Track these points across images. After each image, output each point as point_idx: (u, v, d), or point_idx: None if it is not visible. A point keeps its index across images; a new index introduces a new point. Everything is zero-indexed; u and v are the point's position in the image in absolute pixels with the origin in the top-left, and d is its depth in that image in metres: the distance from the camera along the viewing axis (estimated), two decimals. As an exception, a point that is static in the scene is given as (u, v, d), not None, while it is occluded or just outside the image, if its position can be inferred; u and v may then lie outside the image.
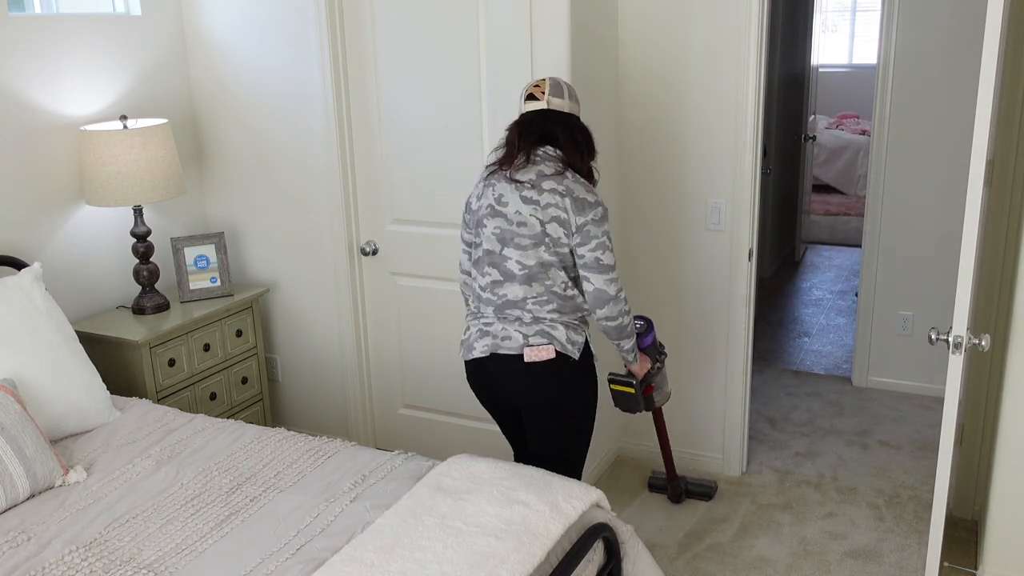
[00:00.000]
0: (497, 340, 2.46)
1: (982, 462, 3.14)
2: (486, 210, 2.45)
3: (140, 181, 3.14)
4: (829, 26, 9.77)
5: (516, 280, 2.43)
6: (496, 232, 2.43)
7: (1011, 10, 2.72)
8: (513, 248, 2.41)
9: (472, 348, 2.52)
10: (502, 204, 2.41)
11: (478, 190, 2.50)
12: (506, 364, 2.47)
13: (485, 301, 2.50)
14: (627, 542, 2.31)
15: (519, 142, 2.43)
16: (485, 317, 2.51)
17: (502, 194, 2.41)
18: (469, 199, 2.54)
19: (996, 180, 2.92)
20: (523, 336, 2.43)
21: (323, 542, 2.10)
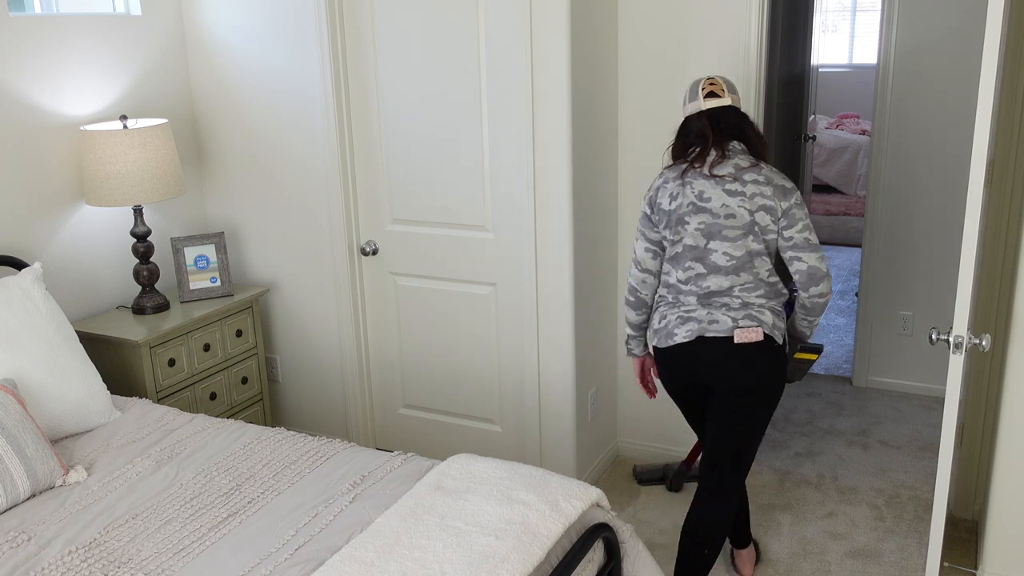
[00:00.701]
0: (703, 324, 2.49)
1: (982, 462, 3.14)
2: (687, 208, 2.49)
3: (140, 181, 3.14)
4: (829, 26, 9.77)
5: (722, 272, 2.49)
6: (701, 227, 2.48)
7: (1011, 10, 2.72)
8: (720, 241, 2.47)
9: (672, 334, 2.53)
10: (704, 200, 2.47)
11: (669, 189, 2.52)
12: (714, 347, 2.50)
13: (686, 292, 2.54)
14: (627, 542, 2.31)
15: (713, 138, 2.48)
16: (686, 306, 2.54)
17: (702, 190, 2.47)
18: (654, 200, 2.56)
19: (996, 180, 2.92)
20: (732, 320, 2.48)
21: (323, 542, 2.10)
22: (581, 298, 3.29)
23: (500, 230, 3.30)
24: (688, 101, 2.55)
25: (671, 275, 2.57)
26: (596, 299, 3.44)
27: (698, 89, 2.52)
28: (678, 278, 2.55)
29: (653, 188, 2.58)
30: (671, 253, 2.56)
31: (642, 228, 2.62)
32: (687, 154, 2.53)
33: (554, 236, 3.18)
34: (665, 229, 2.55)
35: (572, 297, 3.22)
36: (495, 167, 3.23)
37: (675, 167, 2.54)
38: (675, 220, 2.52)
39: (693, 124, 2.53)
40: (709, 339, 2.49)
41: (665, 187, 2.54)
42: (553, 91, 3.04)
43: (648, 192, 2.60)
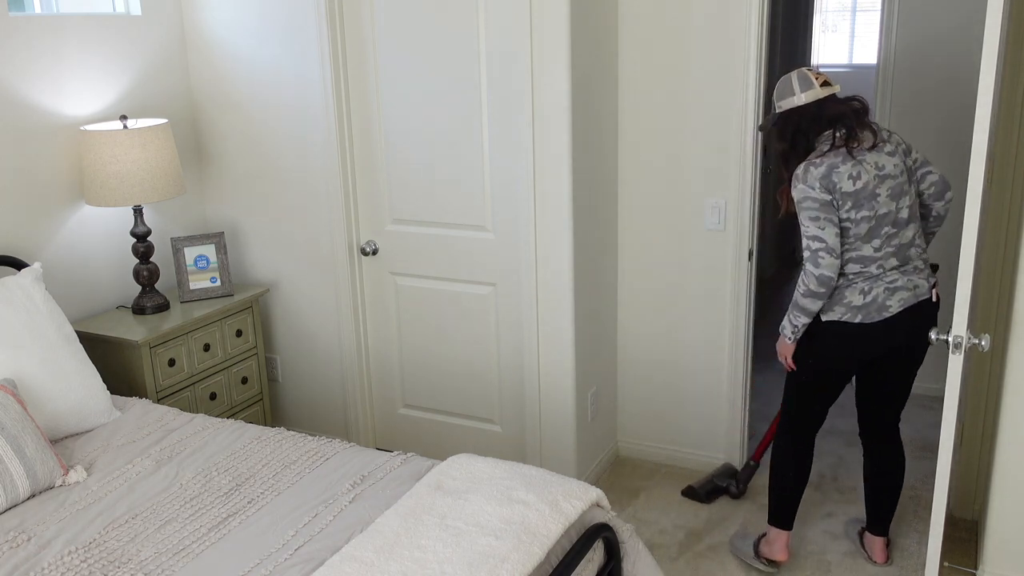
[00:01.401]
0: (911, 292, 2.67)
1: (982, 462, 3.14)
2: (874, 182, 2.59)
3: (140, 181, 3.14)
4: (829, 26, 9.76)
5: (906, 223, 2.66)
6: (889, 192, 2.61)
7: (1011, 10, 2.72)
8: (904, 197, 2.65)
9: (885, 307, 2.65)
10: (882, 169, 2.61)
11: (846, 171, 2.57)
12: (921, 311, 2.70)
13: (882, 259, 2.64)
14: (627, 542, 2.31)
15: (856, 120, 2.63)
16: (888, 276, 2.65)
17: (876, 161, 2.60)
18: (834, 185, 2.56)
19: (996, 180, 2.92)
20: (925, 281, 2.72)
21: (323, 542, 2.10)
22: (581, 298, 3.29)
23: (500, 230, 3.30)
24: (801, 91, 2.64)
25: (862, 250, 2.63)
26: (596, 299, 3.44)
27: (811, 79, 2.65)
28: (873, 249, 2.63)
29: (818, 176, 2.56)
30: (859, 231, 2.61)
31: (824, 215, 2.58)
32: (833, 137, 2.61)
33: (554, 236, 3.18)
34: (851, 210, 2.58)
35: (572, 297, 3.22)
36: (495, 167, 3.23)
37: (833, 152, 2.59)
38: (865, 197, 2.58)
39: (829, 108, 2.63)
40: (918, 304, 2.68)
41: (838, 171, 2.56)
42: (553, 91, 3.04)
43: (813, 180, 2.57)
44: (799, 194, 2.60)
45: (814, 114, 2.63)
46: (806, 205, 2.59)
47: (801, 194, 2.60)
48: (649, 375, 3.67)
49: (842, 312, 2.65)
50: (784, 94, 2.68)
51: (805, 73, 2.66)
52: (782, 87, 2.69)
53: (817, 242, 2.59)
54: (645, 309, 3.59)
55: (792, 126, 2.67)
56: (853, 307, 2.65)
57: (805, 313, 2.68)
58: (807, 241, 2.62)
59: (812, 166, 2.58)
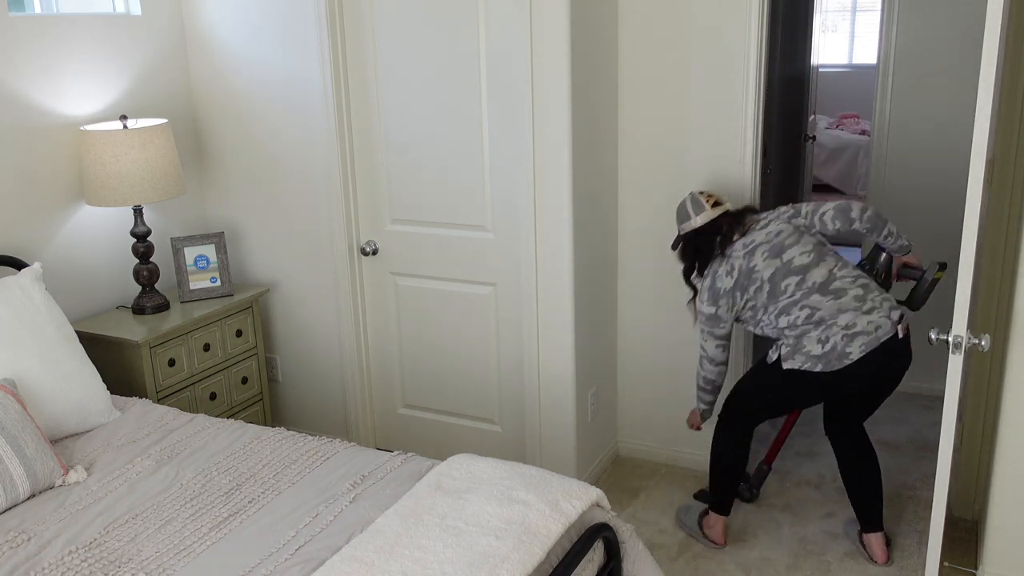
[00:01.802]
0: (871, 335, 2.74)
1: (982, 462, 3.14)
2: (744, 261, 2.85)
3: (140, 181, 3.14)
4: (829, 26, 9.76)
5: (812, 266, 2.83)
6: (765, 256, 2.83)
7: (1011, 10, 2.72)
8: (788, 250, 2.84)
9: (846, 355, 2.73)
10: (750, 245, 2.86)
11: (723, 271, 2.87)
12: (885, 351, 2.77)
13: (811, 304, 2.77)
14: (627, 542, 2.31)
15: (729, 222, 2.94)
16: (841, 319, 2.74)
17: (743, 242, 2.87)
18: (718, 294, 2.88)
19: (996, 180, 2.92)
20: (887, 319, 2.77)
21: (323, 542, 2.10)
22: (581, 298, 3.29)
23: (500, 230, 3.30)
24: (695, 214, 2.93)
25: (779, 304, 2.80)
26: (596, 299, 3.44)
27: (701, 201, 2.94)
28: (788, 298, 2.80)
29: (706, 287, 2.91)
30: (762, 299, 2.83)
31: (707, 327, 2.94)
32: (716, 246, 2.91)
33: (554, 236, 3.18)
34: (742, 300, 2.86)
35: (572, 297, 3.22)
36: (495, 167, 3.23)
37: (714, 261, 2.90)
38: (744, 277, 2.85)
39: (707, 227, 2.92)
40: (880, 347, 2.72)
41: (718, 274, 2.88)
42: (553, 91, 3.04)
43: (703, 293, 2.92)
44: (698, 308, 2.97)
45: (708, 233, 2.92)
46: (698, 317, 2.99)
47: (696, 307, 2.98)
48: (649, 375, 3.67)
49: (802, 361, 2.77)
50: (682, 219, 2.98)
51: (696, 197, 2.96)
52: (680, 212, 2.99)
53: (701, 350, 3.02)
54: (645, 309, 3.59)
55: (692, 246, 2.97)
56: (813, 356, 2.75)
57: (702, 401, 3.15)
58: (699, 347, 3.05)
59: (704, 281, 2.94)
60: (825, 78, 9.11)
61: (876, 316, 2.74)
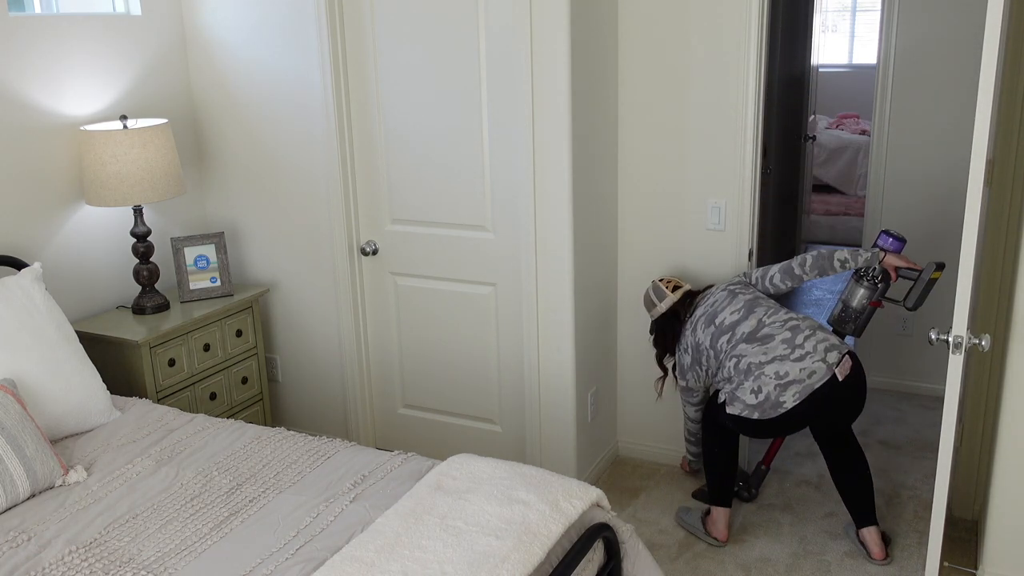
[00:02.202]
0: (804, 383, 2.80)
1: (982, 462, 3.14)
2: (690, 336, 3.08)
3: (140, 181, 3.14)
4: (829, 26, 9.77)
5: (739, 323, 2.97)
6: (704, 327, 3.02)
7: (1011, 10, 2.72)
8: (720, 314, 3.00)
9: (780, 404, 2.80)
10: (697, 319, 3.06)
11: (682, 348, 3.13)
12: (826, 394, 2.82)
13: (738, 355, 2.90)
14: (627, 542, 2.31)
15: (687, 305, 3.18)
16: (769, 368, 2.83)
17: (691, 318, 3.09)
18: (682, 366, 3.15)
19: (996, 180, 2.92)
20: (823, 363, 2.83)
21: (323, 542, 2.10)
22: (581, 298, 3.29)
23: (500, 230, 3.30)
24: (659, 300, 3.20)
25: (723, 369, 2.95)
26: (596, 299, 3.44)
27: (663, 289, 3.19)
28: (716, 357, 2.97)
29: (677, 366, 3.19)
30: (713, 364, 3.00)
31: (685, 398, 3.29)
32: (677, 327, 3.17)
33: (554, 236, 3.18)
34: (703, 371, 3.07)
35: (572, 297, 3.22)
36: (495, 167, 3.23)
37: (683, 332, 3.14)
38: (696, 353, 3.06)
39: (669, 311, 3.18)
40: (816, 392, 2.77)
41: (680, 355, 3.15)
42: (553, 91, 3.04)
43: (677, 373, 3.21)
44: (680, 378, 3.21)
45: (671, 317, 3.18)
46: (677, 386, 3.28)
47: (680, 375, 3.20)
48: (649, 375, 3.67)
49: (740, 408, 2.87)
50: (649, 306, 3.24)
51: (658, 285, 3.21)
52: (646, 302, 3.26)
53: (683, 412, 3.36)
54: (645, 309, 3.58)
55: (660, 329, 3.24)
56: (749, 405, 2.84)
57: (691, 453, 3.47)
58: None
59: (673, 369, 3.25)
60: (825, 78, 9.11)
61: (809, 362, 2.79)
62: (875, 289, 3.10)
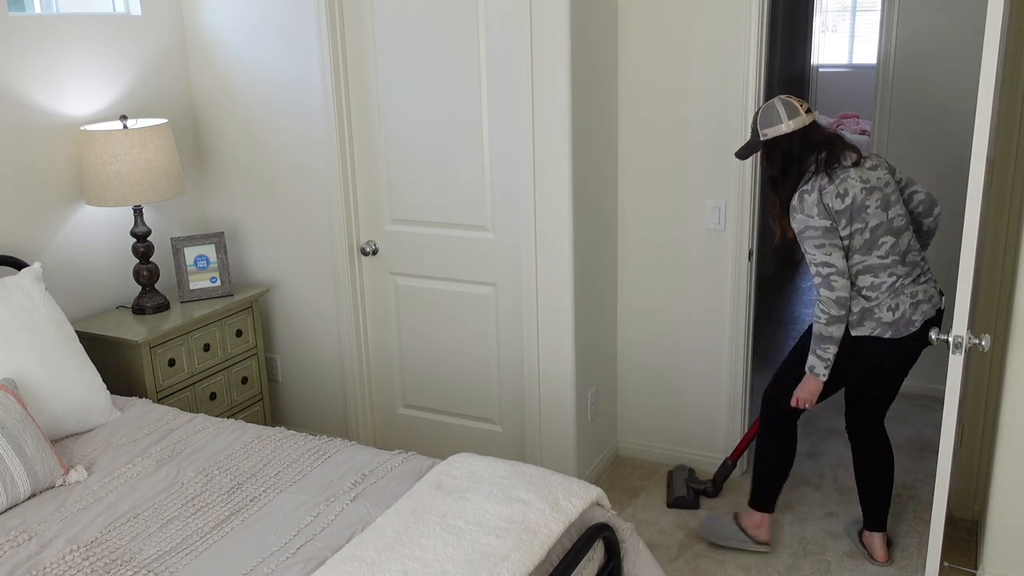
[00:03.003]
0: (930, 304, 2.74)
1: (982, 462, 3.14)
2: (861, 195, 2.66)
3: (140, 181, 3.14)
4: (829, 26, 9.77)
5: (902, 231, 2.73)
6: (879, 204, 2.68)
7: (1011, 10, 2.72)
8: (894, 207, 2.72)
9: (912, 322, 2.71)
10: (866, 182, 2.67)
11: (833, 191, 2.64)
12: (935, 321, 2.77)
13: (892, 267, 2.69)
14: (627, 541, 2.31)
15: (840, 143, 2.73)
16: (908, 289, 2.71)
17: (860, 175, 2.67)
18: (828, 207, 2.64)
19: (996, 180, 2.92)
20: (936, 290, 2.80)
21: (324, 541, 2.10)
22: (581, 298, 3.29)
23: (500, 230, 3.30)
24: (788, 118, 2.70)
25: (867, 261, 2.69)
26: (596, 299, 3.44)
27: (796, 106, 2.71)
28: (878, 257, 2.69)
29: (813, 202, 2.64)
30: (858, 243, 2.68)
31: (828, 240, 2.65)
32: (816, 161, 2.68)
33: (554, 236, 3.18)
34: (846, 228, 2.66)
35: (572, 297, 3.22)
36: (495, 167, 3.23)
37: (817, 175, 2.66)
38: (856, 211, 2.66)
39: (815, 134, 2.71)
40: (933, 316, 2.76)
41: (827, 191, 2.64)
42: (553, 91, 3.04)
43: (810, 208, 2.64)
44: (799, 224, 2.67)
45: (802, 141, 2.70)
46: (808, 234, 2.66)
47: (802, 224, 2.67)
48: (649, 375, 3.67)
49: (872, 327, 2.71)
50: (771, 121, 2.72)
51: (790, 101, 2.73)
52: (768, 115, 2.73)
53: (827, 267, 2.66)
54: (645, 309, 3.59)
55: (781, 153, 2.73)
56: (884, 323, 2.71)
57: (833, 342, 2.72)
58: (816, 268, 2.68)
59: (805, 194, 2.66)
60: (825, 78, 9.11)
61: (929, 286, 2.78)
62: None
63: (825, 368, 2.75)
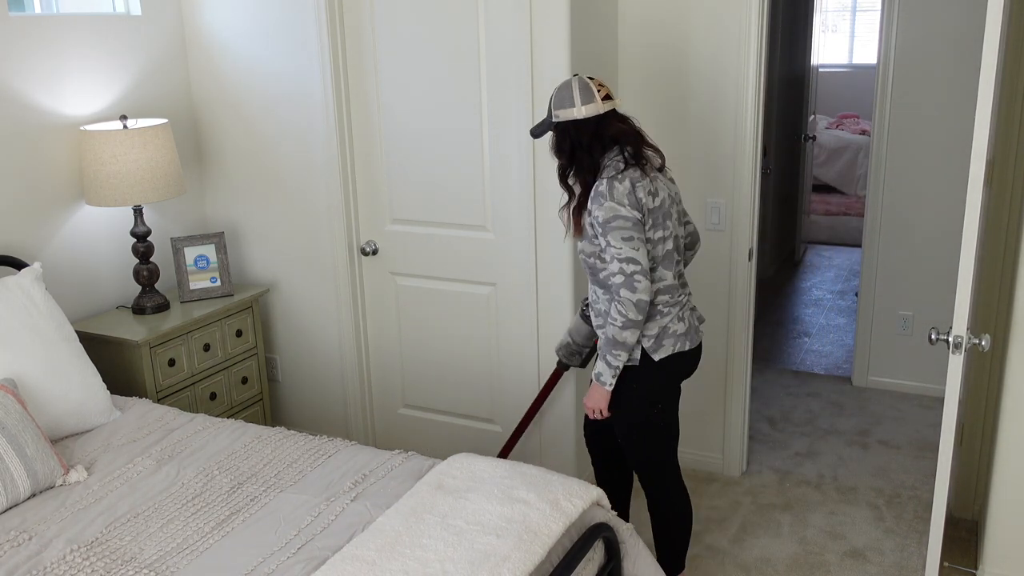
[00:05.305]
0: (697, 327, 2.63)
1: (982, 462, 3.14)
2: (668, 202, 2.49)
3: (140, 181, 3.14)
4: (829, 26, 9.77)
5: (682, 252, 2.64)
6: (676, 217, 2.55)
7: (1011, 10, 2.73)
8: (680, 226, 2.59)
9: (699, 331, 2.63)
10: (671, 193, 2.53)
11: (645, 187, 2.40)
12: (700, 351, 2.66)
13: (679, 289, 2.57)
14: (627, 541, 2.31)
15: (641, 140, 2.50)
16: (686, 302, 2.60)
17: (665, 184, 2.51)
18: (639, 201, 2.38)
19: (996, 180, 2.92)
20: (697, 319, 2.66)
21: (324, 541, 2.11)
22: (581, 298, 3.29)
23: (500, 230, 3.30)
24: (582, 103, 2.42)
25: (665, 277, 2.48)
26: (596, 299, 3.44)
27: (593, 91, 2.42)
28: (673, 276, 2.52)
29: (625, 192, 2.38)
30: (660, 253, 2.46)
31: (637, 234, 2.37)
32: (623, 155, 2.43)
33: (554, 236, 3.18)
34: (651, 230, 2.43)
35: (572, 297, 3.22)
36: (495, 167, 3.23)
37: (629, 169, 2.41)
38: (662, 215, 2.45)
39: (610, 127, 2.44)
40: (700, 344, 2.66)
41: (639, 185, 2.40)
42: (553, 91, 3.04)
43: (621, 197, 2.37)
44: (607, 212, 2.37)
45: (594, 131, 2.43)
46: (616, 224, 2.37)
47: (610, 212, 2.37)
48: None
49: (672, 344, 2.50)
50: (563, 103, 2.45)
51: (587, 84, 2.43)
52: (561, 95, 2.45)
53: (632, 264, 2.36)
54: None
55: (571, 140, 2.46)
56: (679, 335, 2.51)
57: (625, 348, 2.43)
58: (620, 264, 2.37)
59: (616, 181, 2.38)
60: (825, 78, 9.12)
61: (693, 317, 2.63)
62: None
63: (613, 377, 2.46)
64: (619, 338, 2.41)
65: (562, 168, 2.53)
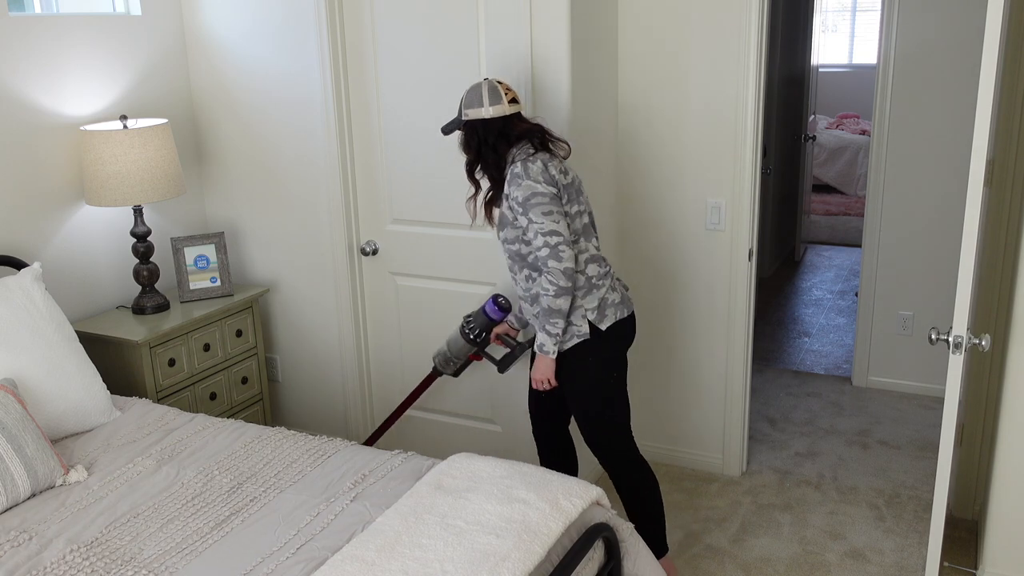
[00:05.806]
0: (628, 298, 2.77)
1: (982, 462, 3.14)
2: (578, 181, 2.66)
3: (140, 181, 3.14)
4: (829, 26, 9.78)
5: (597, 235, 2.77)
6: (586, 199, 2.70)
7: (1011, 10, 2.73)
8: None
9: (630, 300, 2.76)
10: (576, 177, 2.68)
11: (556, 166, 2.59)
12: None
13: (603, 261, 2.70)
14: (627, 541, 2.31)
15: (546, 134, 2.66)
16: (613, 277, 2.73)
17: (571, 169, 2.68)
18: (553, 178, 2.54)
19: (996, 180, 2.92)
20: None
21: (324, 541, 2.10)
22: (581, 298, 3.29)
23: (500, 230, 3.30)
24: (490, 104, 2.59)
25: (589, 249, 2.65)
26: (596, 299, 3.44)
27: (500, 93, 2.60)
28: (595, 248, 2.68)
29: (539, 170, 2.53)
30: (579, 226, 2.63)
31: (556, 207, 2.51)
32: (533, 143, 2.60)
33: (554, 236, 3.18)
34: (568, 204, 2.59)
35: (572, 297, 3.22)
36: (495, 167, 3.23)
37: (539, 152, 2.58)
38: (575, 191, 2.63)
39: (515, 126, 2.61)
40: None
41: (550, 164, 2.56)
42: (554, 90, 3.04)
43: (536, 174, 2.52)
44: (525, 191, 2.51)
45: (500, 130, 2.60)
46: (536, 201, 2.51)
47: (528, 191, 2.51)
48: (648, 375, 3.67)
49: (613, 313, 2.66)
50: (472, 103, 2.61)
51: (496, 86, 2.60)
52: (471, 96, 2.61)
53: (555, 236, 2.51)
54: (644, 308, 3.59)
55: (478, 138, 2.64)
56: (617, 304, 2.68)
57: (561, 315, 2.56)
58: (544, 238, 2.50)
59: (529, 162, 2.54)
60: (825, 78, 9.12)
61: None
62: (474, 344, 3.04)
63: (555, 345, 2.59)
64: (554, 306, 2.56)
65: (469, 163, 2.73)
